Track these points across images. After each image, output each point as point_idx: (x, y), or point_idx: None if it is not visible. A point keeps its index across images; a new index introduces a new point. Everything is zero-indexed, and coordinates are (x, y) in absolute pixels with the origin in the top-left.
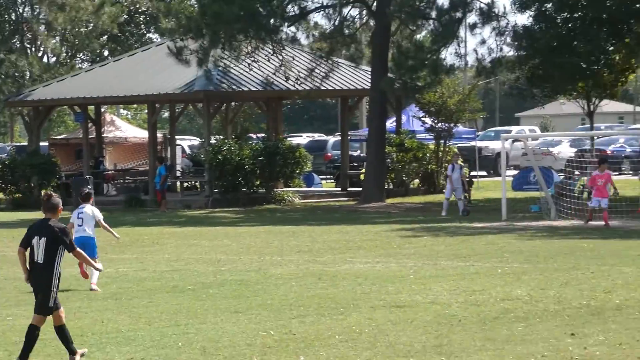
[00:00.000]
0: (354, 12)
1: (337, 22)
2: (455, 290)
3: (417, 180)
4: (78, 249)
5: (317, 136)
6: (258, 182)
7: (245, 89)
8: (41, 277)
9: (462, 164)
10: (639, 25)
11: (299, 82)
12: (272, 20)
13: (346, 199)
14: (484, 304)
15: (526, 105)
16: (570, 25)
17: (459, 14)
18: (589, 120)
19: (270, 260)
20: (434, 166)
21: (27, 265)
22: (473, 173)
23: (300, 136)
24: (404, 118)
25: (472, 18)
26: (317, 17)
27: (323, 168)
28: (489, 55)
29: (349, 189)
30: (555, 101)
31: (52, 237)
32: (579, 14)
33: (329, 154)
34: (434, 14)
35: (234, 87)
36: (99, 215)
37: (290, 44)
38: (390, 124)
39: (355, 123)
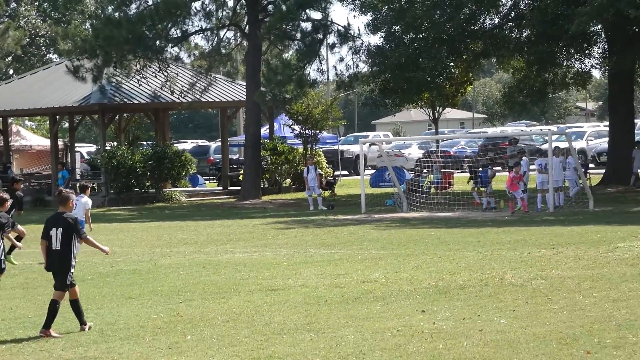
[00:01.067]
0: (230, 34)
1: (214, 43)
2: (322, 275)
3: (288, 180)
4: (88, 237)
5: (201, 142)
6: (149, 183)
7: (136, 101)
8: (60, 261)
9: (323, 164)
10: (474, 44)
11: (182, 95)
12: (157, 42)
13: (227, 196)
14: (346, 286)
15: (380, 114)
16: (415, 44)
17: (320, 36)
18: (435, 126)
19: (160, 252)
20: (302, 167)
21: (46, 253)
22: (337, 173)
23: (186, 142)
24: (275, 126)
25: (331, 39)
26: (197, 39)
27: (206, 170)
28: (346, 71)
29: (230, 188)
30: (404, 110)
31: (66, 227)
32: (423, 34)
33: (212, 158)
34: (298, 35)
35: (125, 100)
36: (88, 205)
37: (174, 62)
38: (264, 131)
39: (234, 130)
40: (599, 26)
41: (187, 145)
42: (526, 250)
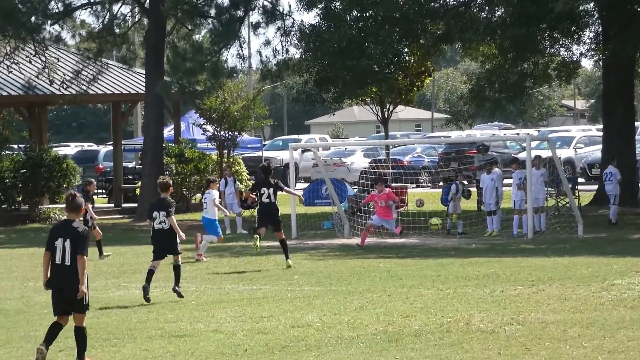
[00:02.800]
0: (125, 9)
1: (106, 20)
2: (240, 317)
3: (199, 195)
4: (84, 257)
5: (87, 146)
6: (20, 198)
7: (4, 93)
8: (69, 278)
9: (243, 175)
10: (434, 25)
11: (64, 86)
12: (33, 18)
13: (120, 216)
14: (272, 331)
15: (316, 112)
16: (360, 24)
17: (240, 13)
18: (384, 128)
19: (34, 287)
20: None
21: (49, 268)
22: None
23: (68, 146)
24: (183, 125)
25: (255, 17)
26: (84, 15)
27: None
28: (274, 57)
29: (124, 205)
30: (347, 107)
31: (75, 239)
32: (370, 12)
33: (101, 166)
34: (213, 12)
35: None
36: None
37: (54, 44)
38: (169, 132)
39: (129, 131)
40: (592, 4)
41: (70, 149)
42: (498, 287)
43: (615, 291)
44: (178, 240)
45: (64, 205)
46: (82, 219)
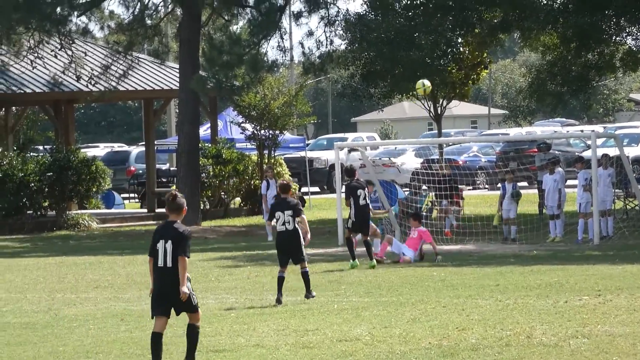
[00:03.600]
0: None
1: (136, 10)
2: (284, 331)
3: (238, 199)
4: (185, 259)
5: (118, 146)
6: (46, 203)
7: (28, 90)
8: (172, 281)
9: (285, 177)
10: (491, 13)
11: (92, 82)
12: (58, 9)
13: (154, 222)
14: (317, 346)
15: (363, 109)
16: (410, 13)
17: (281, 1)
18: (437, 125)
19: (63, 299)
20: (257, 181)
21: (152, 271)
22: (303, 190)
23: (97, 146)
24: (220, 124)
25: (296, 5)
26: (114, 5)
27: (125, 185)
28: (317, 49)
29: (157, 210)
30: (396, 103)
31: (177, 240)
32: (421, 0)
33: (132, 168)
34: (251, 0)
35: (14, 88)
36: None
37: (81, 36)
38: (205, 131)
39: (163, 130)
40: None
41: (100, 150)
42: (562, 297)
43: None
44: (303, 244)
45: (92, 211)
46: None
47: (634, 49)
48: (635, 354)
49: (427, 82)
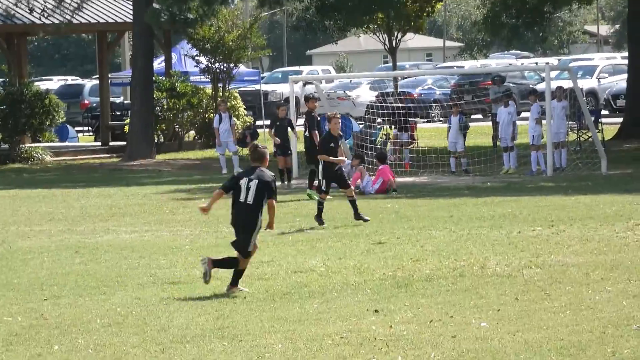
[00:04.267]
0: None
1: None
2: None
3: (192, 132)
4: (274, 201)
5: (71, 80)
6: (0, 137)
7: None
8: (247, 218)
9: (240, 111)
10: None
11: (46, 15)
12: None
13: (108, 155)
14: (272, 277)
15: (318, 42)
16: None
17: None
18: (392, 58)
19: (17, 231)
20: (212, 115)
21: (231, 205)
22: (259, 122)
23: (51, 80)
24: (174, 57)
25: None
26: None
27: (79, 118)
28: None
29: (111, 143)
30: (351, 36)
31: (263, 182)
32: None
33: (86, 102)
34: None
35: None
36: None
37: None
38: (159, 64)
39: (117, 63)
40: None
41: (53, 84)
42: (515, 228)
43: None
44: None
45: (46, 144)
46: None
47: None
48: (588, 283)
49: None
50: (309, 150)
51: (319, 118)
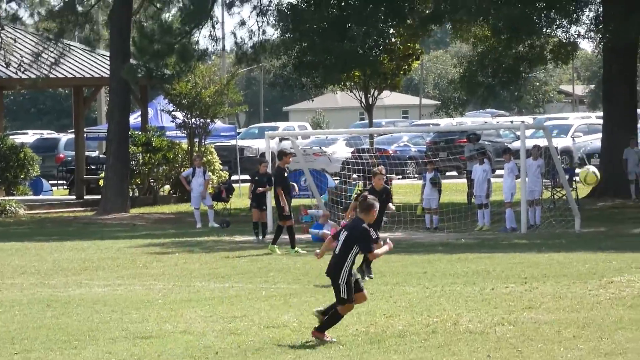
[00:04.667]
0: None
1: None
2: (211, 317)
3: (167, 186)
4: (376, 251)
5: (47, 133)
6: None
7: None
8: (333, 263)
9: (215, 166)
10: (422, 4)
11: (22, 69)
12: None
13: (82, 208)
14: (245, 332)
15: (295, 98)
16: (342, 3)
17: None
18: (368, 115)
19: None
20: (187, 169)
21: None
22: (234, 177)
23: (26, 133)
24: (150, 112)
25: None
26: None
27: (54, 172)
28: (249, 39)
29: (86, 197)
30: (328, 93)
31: (351, 235)
32: None
33: (61, 155)
34: None
35: None
36: None
37: (10, 23)
38: (135, 119)
39: (93, 118)
40: None
41: (28, 137)
42: (489, 285)
43: (613, 289)
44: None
45: (20, 197)
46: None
47: (564, 41)
48: (560, 340)
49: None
50: (277, 206)
51: (286, 174)
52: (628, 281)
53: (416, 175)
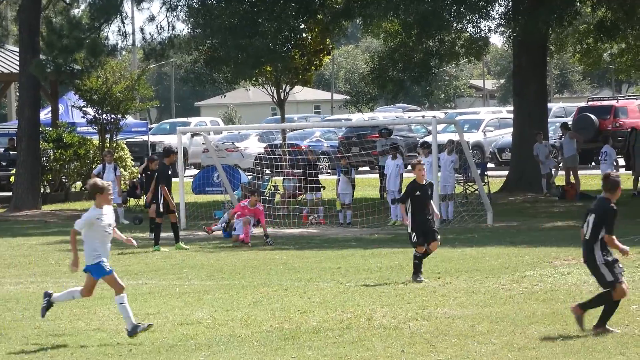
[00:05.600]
0: None
1: None
2: None
3: (79, 183)
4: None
5: None
6: None
7: None
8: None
9: (127, 162)
10: None
11: None
12: None
13: None
14: (159, 329)
15: (207, 94)
16: (254, 0)
17: None
18: (280, 110)
19: None
20: (99, 165)
21: None
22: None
23: None
24: (61, 108)
25: None
26: None
27: None
28: (159, 35)
29: None
30: (239, 88)
31: (599, 214)
32: None
33: None
34: None
35: None
36: None
37: None
38: (46, 115)
39: (2, 114)
40: None
41: None
42: (402, 280)
43: (526, 284)
44: None
45: None
46: None
47: (475, 36)
48: (474, 335)
49: None
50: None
51: (170, 172)
52: (541, 276)
53: (329, 171)
